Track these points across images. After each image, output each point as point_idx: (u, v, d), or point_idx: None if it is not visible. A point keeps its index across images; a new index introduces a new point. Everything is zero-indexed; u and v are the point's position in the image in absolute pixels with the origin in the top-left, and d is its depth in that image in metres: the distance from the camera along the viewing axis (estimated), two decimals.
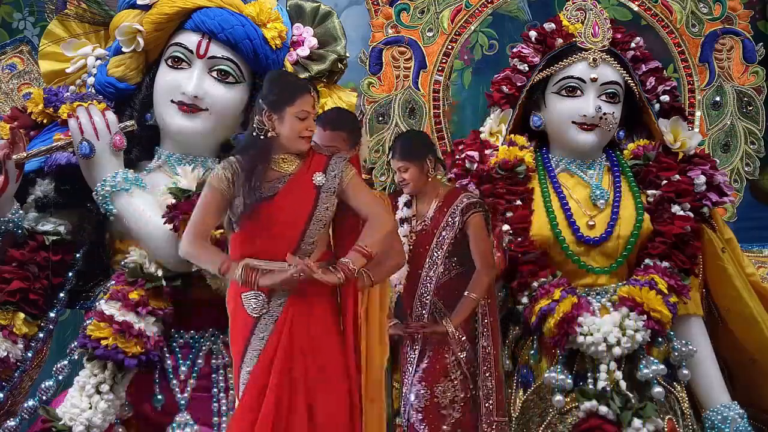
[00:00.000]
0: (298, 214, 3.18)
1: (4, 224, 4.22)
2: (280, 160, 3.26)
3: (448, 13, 4.92)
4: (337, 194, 3.23)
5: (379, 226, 3.20)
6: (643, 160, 4.39)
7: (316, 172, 3.23)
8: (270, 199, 3.19)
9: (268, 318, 3.19)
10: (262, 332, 3.20)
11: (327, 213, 3.21)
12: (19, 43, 5.18)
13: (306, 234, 3.19)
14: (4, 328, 4.15)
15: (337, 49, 4.58)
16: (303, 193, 3.20)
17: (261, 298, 3.19)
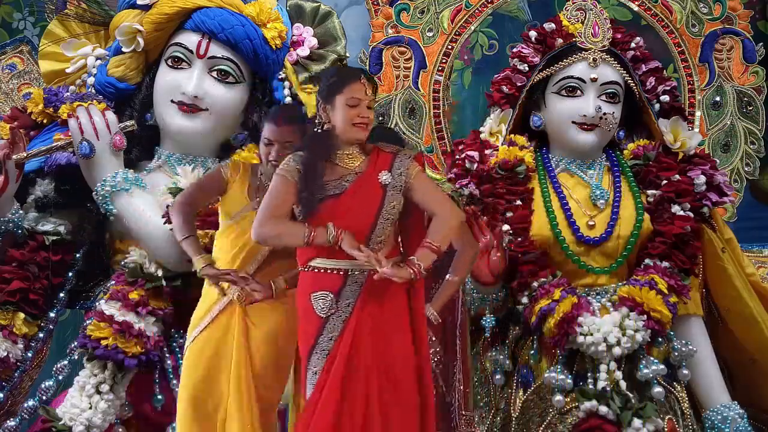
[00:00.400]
0: (365, 212, 3.15)
1: (4, 224, 4.23)
2: (345, 156, 3.22)
3: (448, 13, 4.92)
4: (403, 192, 3.21)
5: (446, 220, 3.17)
6: (643, 160, 4.38)
7: (382, 170, 3.20)
8: (337, 196, 3.17)
9: (336, 318, 3.16)
10: (331, 333, 3.16)
11: (394, 211, 3.18)
12: (19, 43, 5.18)
13: (374, 233, 3.16)
14: (4, 328, 4.16)
15: (337, 49, 4.58)
16: (370, 191, 3.18)
17: (330, 297, 3.16)
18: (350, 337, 3.14)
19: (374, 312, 3.16)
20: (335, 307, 3.16)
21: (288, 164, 3.23)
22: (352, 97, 3.20)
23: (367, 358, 3.13)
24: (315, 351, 3.17)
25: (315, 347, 3.17)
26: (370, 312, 3.15)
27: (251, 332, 3.32)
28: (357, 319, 3.15)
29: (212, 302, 3.36)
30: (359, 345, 3.14)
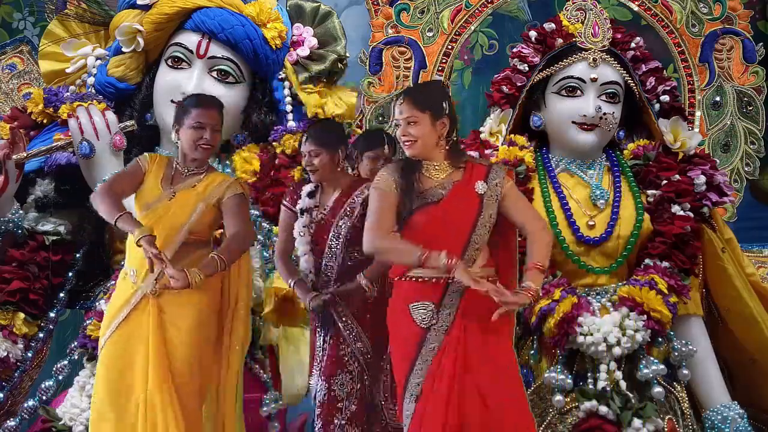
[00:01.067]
0: (463, 220, 3.17)
1: (4, 224, 4.23)
2: (431, 168, 3.24)
3: (448, 13, 4.92)
4: (498, 202, 3.23)
5: (543, 238, 3.22)
6: (643, 160, 4.38)
7: (477, 180, 3.22)
8: (434, 204, 3.19)
9: (437, 329, 3.16)
10: (432, 343, 3.16)
11: (490, 219, 3.21)
12: (19, 43, 5.18)
13: (471, 239, 3.18)
14: (4, 328, 4.16)
15: (337, 49, 4.58)
16: (467, 200, 3.20)
17: (430, 308, 3.16)
18: (452, 348, 3.13)
19: (474, 322, 3.16)
20: (436, 317, 3.15)
21: (383, 175, 3.25)
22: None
23: (470, 366, 3.13)
24: (417, 362, 3.16)
25: (416, 359, 3.16)
26: (470, 322, 3.15)
27: (168, 331, 3.31)
28: (458, 329, 3.15)
29: (126, 298, 3.34)
30: (461, 355, 3.13)
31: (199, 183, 3.43)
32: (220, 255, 3.29)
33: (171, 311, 3.32)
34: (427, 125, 3.19)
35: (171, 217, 3.37)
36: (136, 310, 3.32)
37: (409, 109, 3.19)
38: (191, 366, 3.33)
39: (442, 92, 3.27)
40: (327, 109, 4.45)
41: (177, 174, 3.45)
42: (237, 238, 3.35)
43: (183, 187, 3.42)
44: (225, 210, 3.40)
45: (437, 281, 3.16)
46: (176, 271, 3.18)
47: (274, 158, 4.34)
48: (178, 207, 3.38)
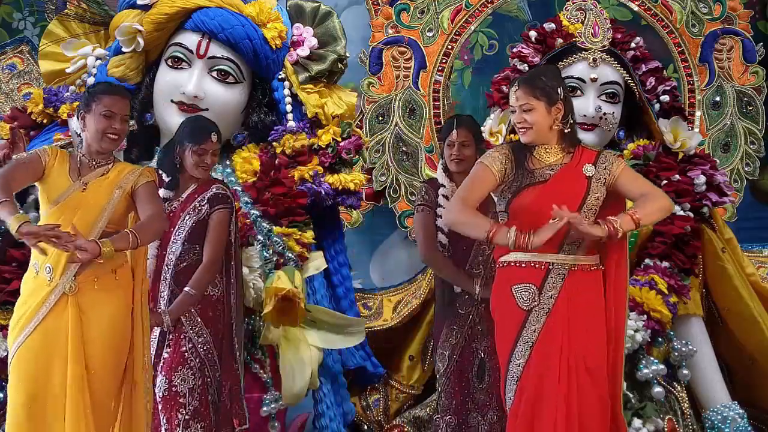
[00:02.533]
0: (570, 200, 3.15)
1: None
2: (542, 150, 3.25)
3: (448, 13, 4.93)
4: (607, 185, 3.22)
5: (656, 199, 3.19)
6: (643, 160, 4.39)
7: (586, 163, 3.23)
8: (542, 183, 3.19)
9: (539, 310, 3.16)
10: (534, 324, 3.16)
11: (597, 202, 3.20)
12: (19, 43, 5.18)
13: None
14: (4, 328, 4.15)
15: (337, 49, 4.57)
16: (574, 181, 3.20)
17: (532, 290, 3.17)
18: (553, 330, 3.14)
19: (575, 304, 3.16)
20: (537, 300, 3.16)
21: (491, 153, 3.27)
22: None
23: (567, 349, 3.13)
24: (519, 343, 3.16)
25: (518, 339, 3.16)
26: (571, 304, 3.16)
27: (85, 326, 3.20)
28: (559, 311, 3.15)
29: (42, 297, 3.21)
30: (561, 337, 3.14)
31: (109, 171, 3.33)
32: (133, 231, 3.19)
33: (91, 309, 3.21)
34: (542, 112, 3.20)
35: (87, 207, 3.26)
36: (53, 311, 3.20)
37: (524, 97, 3.21)
38: (110, 365, 3.24)
39: (556, 78, 3.28)
40: (327, 109, 4.45)
41: (84, 166, 3.33)
42: (151, 219, 3.26)
43: (94, 176, 3.31)
44: (138, 197, 3.31)
45: (539, 265, 3.17)
46: (86, 241, 3.06)
47: (274, 158, 4.33)
48: (93, 196, 3.27)
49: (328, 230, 4.47)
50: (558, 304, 3.15)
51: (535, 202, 3.15)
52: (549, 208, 3.07)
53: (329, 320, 4.15)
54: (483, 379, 3.79)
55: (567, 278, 3.15)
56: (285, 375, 4.00)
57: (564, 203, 3.07)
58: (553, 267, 3.15)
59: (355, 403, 4.45)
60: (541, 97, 3.20)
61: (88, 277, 3.19)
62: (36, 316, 3.22)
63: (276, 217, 4.19)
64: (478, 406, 3.79)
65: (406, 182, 4.87)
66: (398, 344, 4.63)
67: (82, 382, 3.18)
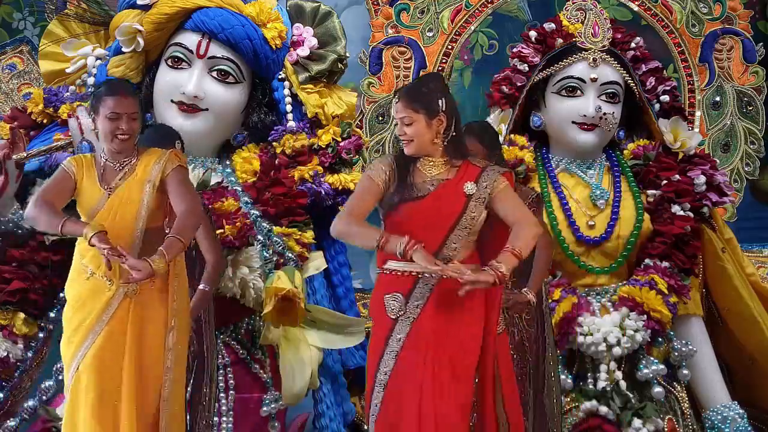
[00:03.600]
0: (444, 217, 3.14)
1: (4, 224, 4.23)
2: (426, 162, 3.21)
3: (448, 13, 4.93)
4: (486, 204, 3.18)
5: (528, 228, 3.15)
6: (643, 160, 4.39)
7: (468, 181, 3.19)
8: (419, 199, 3.17)
9: (405, 320, 3.14)
10: (399, 334, 3.14)
11: (473, 221, 3.16)
12: (19, 43, 5.18)
13: (449, 238, 3.15)
14: (4, 328, 4.16)
15: (337, 49, 4.58)
16: (453, 198, 3.17)
17: (399, 299, 3.15)
18: (417, 339, 3.11)
19: (443, 314, 3.13)
20: (404, 309, 3.14)
21: (375, 164, 3.26)
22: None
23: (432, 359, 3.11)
24: (385, 353, 3.15)
25: (385, 348, 3.15)
26: (439, 314, 3.13)
27: (146, 330, 3.20)
28: (424, 321, 3.12)
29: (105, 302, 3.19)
30: (426, 347, 3.11)
31: (135, 168, 3.28)
32: (176, 235, 3.14)
33: (150, 309, 3.21)
34: (422, 125, 3.17)
35: (122, 212, 3.23)
36: (116, 314, 3.20)
37: (403, 109, 3.17)
38: (161, 365, 3.23)
39: (438, 89, 3.21)
40: (327, 109, 4.45)
41: (108, 170, 3.29)
42: (186, 216, 3.22)
43: (121, 178, 3.27)
44: (169, 189, 3.26)
45: (409, 274, 3.14)
46: (137, 261, 3.05)
47: (274, 158, 4.33)
48: (125, 199, 3.24)
49: (328, 230, 4.47)
50: (423, 313, 3.12)
51: (411, 218, 3.12)
52: (422, 225, 3.07)
53: (329, 320, 4.15)
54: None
55: (436, 288, 3.11)
56: (285, 375, 4.01)
57: (437, 221, 3.09)
58: (422, 277, 3.12)
59: (355, 403, 4.45)
60: (421, 110, 3.15)
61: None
62: (101, 319, 3.21)
63: (276, 217, 4.19)
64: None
65: None
66: None
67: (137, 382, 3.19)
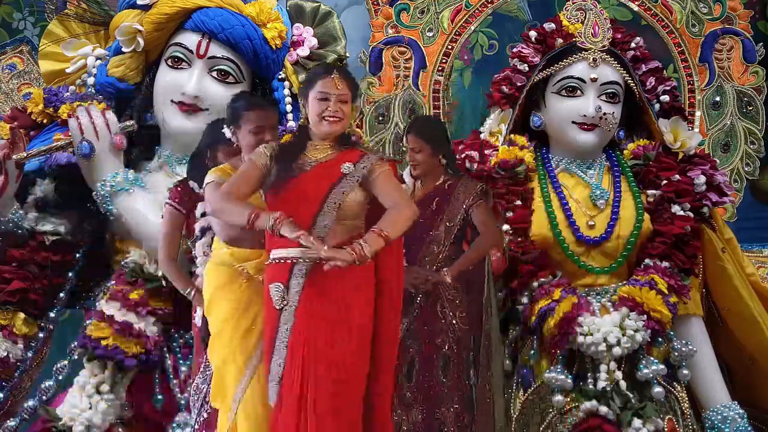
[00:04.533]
0: (315, 194, 3.19)
1: (4, 224, 4.23)
2: (312, 147, 3.27)
3: (448, 13, 4.92)
4: (363, 184, 3.22)
5: (400, 210, 3.17)
6: (643, 160, 4.39)
7: (347, 162, 3.24)
8: (293, 179, 3.21)
9: (289, 310, 3.18)
10: (286, 323, 3.18)
11: (343, 196, 3.19)
12: (19, 43, 5.18)
13: (319, 215, 3.18)
14: (4, 328, 4.16)
15: (337, 49, 4.58)
16: (327, 176, 3.22)
17: (281, 288, 3.18)
18: (298, 326, 3.15)
19: (319, 300, 3.15)
20: (286, 299, 3.18)
21: (259, 149, 3.30)
22: (321, 91, 3.25)
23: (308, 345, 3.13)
24: (276, 342, 3.19)
25: (276, 338, 3.19)
26: (315, 300, 3.15)
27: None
28: (303, 307, 3.16)
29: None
30: (305, 333, 3.14)
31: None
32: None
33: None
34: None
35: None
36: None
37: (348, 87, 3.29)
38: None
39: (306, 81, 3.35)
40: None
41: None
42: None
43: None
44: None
45: (285, 262, 3.16)
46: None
47: None
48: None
49: None
50: (302, 300, 3.15)
51: (283, 197, 3.18)
52: (295, 202, 3.12)
53: None
54: (411, 378, 3.79)
55: (309, 273, 3.14)
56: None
57: (308, 198, 3.14)
58: (297, 263, 3.14)
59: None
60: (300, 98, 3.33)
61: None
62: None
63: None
64: (403, 404, 3.77)
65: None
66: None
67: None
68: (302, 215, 3.14)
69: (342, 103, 3.26)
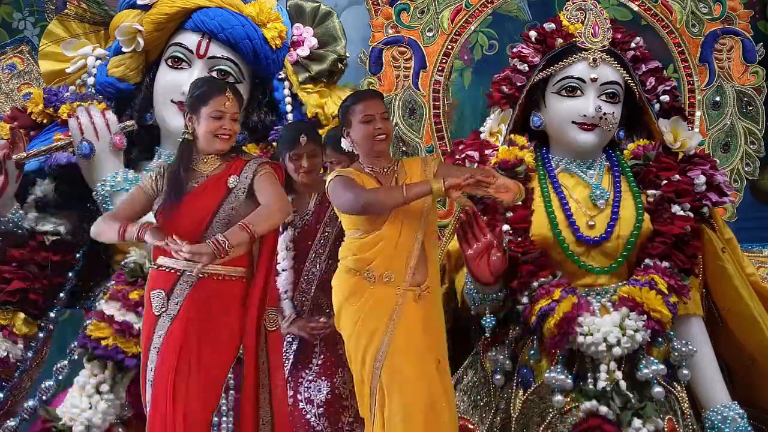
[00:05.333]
0: (204, 212, 3.27)
1: (4, 224, 4.23)
2: (201, 162, 3.35)
3: (448, 13, 4.92)
4: (247, 193, 3.30)
5: (269, 207, 3.26)
6: (643, 160, 4.38)
7: (232, 174, 3.32)
8: (184, 196, 3.29)
9: (166, 317, 3.26)
10: (161, 330, 3.27)
11: (232, 212, 3.27)
12: (19, 43, 5.18)
13: (208, 230, 3.26)
14: (4, 328, 4.16)
15: (337, 49, 4.59)
16: (215, 192, 3.29)
17: (162, 296, 3.26)
18: (173, 337, 3.23)
19: (201, 314, 3.24)
20: (166, 306, 3.25)
21: (147, 176, 3.41)
22: (216, 110, 3.34)
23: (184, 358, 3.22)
24: (151, 349, 3.27)
25: (150, 344, 3.27)
26: (197, 313, 3.24)
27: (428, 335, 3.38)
28: (182, 319, 3.24)
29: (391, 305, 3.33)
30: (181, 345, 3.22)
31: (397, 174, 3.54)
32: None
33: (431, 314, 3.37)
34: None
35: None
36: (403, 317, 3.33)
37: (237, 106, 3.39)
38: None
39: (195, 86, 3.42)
40: (327, 109, 4.45)
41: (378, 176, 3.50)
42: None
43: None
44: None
45: (172, 271, 3.26)
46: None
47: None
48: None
49: None
50: (182, 311, 3.22)
51: (173, 216, 3.25)
52: (185, 220, 3.21)
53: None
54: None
55: (195, 286, 3.22)
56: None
57: (196, 216, 3.22)
58: (183, 274, 3.22)
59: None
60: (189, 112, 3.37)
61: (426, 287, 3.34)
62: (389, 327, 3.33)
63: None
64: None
65: None
66: None
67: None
68: (194, 232, 3.23)
69: (233, 121, 3.36)
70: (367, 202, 3.30)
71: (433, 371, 3.36)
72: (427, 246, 3.43)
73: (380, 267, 3.38)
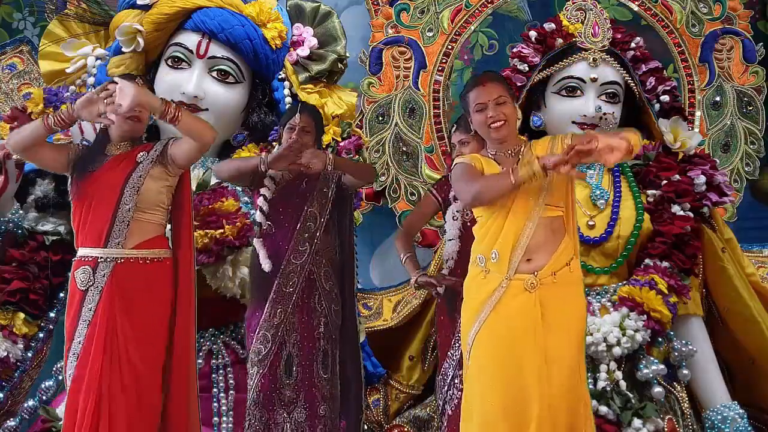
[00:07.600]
0: (115, 184, 3.33)
1: (4, 224, 4.23)
2: (113, 147, 3.43)
3: (448, 13, 4.92)
4: (158, 162, 3.37)
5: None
6: (643, 160, 4.39)
7: (142, 151, 3.39)
8: (90, 174, 3.35)
9: (94, 290, 3.29)
10: (90, 303, 3.29)
11: (141, 181, 3.33)
12: (19, 43, 5.17)
13: (121, 201, 3.31)
14: (4, 328, 4.16)
15: (337, 49, 4.58)
16: (123, 168, 3.36)
17: (88, 271, 3.30)
18: (102, 308, 3.26)
19: (122, 298, 3.28)
20: (92, 279, 3.29)
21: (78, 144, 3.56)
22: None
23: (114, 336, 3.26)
24: (79, 323, 3.29)
25: (79, 319, 3.29)
26: (119, 298, 3.28)
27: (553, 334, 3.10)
28: (107, 298, 3.27)
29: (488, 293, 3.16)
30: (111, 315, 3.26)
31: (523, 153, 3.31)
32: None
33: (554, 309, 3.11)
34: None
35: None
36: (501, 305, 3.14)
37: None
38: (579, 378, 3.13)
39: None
40: (327, 109, 4.45)
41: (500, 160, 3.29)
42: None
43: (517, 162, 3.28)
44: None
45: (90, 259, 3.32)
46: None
47: None
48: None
49: None
50: (109, 280, 3.28)
51: (85, 195, 3.34)
52: (96, 196, 3.31)
53: None
54: (291, 374, 3.69)
55: (114, 271, 3.29)
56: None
57: (108, 188, 3.32)
58: (100, 260, 3.30)
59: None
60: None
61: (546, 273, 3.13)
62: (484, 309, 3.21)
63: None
64: (284, 403, 3.68)
65: (406, 182, 4.87)
66: (398, 344, 4.63)
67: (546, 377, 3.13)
68: (105, 204, 3.31)
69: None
70: (477, 192, 3.16)
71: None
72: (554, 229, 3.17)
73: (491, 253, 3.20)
